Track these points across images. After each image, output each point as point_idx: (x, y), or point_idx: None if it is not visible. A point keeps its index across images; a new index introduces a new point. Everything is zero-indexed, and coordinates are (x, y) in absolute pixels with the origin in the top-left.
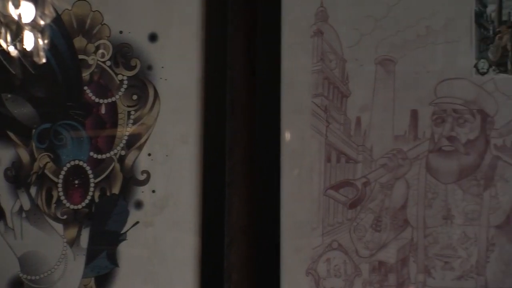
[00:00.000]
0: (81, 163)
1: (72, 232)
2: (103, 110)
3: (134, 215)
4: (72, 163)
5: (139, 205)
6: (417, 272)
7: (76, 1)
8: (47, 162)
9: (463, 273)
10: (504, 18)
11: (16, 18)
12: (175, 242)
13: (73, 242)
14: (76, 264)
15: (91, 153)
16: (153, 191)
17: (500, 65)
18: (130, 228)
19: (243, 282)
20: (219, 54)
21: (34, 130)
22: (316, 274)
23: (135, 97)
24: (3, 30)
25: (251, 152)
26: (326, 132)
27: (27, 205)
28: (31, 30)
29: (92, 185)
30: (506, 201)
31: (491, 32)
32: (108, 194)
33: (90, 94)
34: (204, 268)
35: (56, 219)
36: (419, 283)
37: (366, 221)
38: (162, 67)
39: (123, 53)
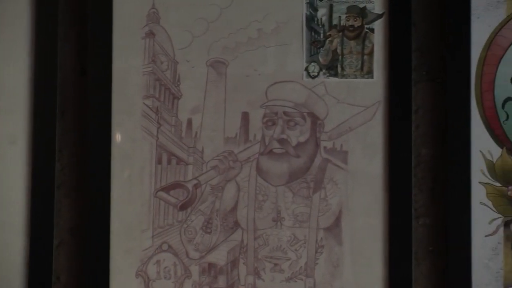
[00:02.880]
0: None
1: None
2: None
3: None
4: None
5: None
6: (246, 274)
7: None
8: None
9: (292, 275)
10: (335, 22)
11: None
12: (2, 244)
13: None
14: None
15: None
16: None
17: (330, 69)
18: None
19: (71, 284)
20: (49, 54)
21: None
22: (146, 276)
23: None
24: None
25: (82, 154)
26: (157, 134)
27: None
28: None
29: None
30: (335, 203)
31: (321, 35)
32: None
33: None
34: (32, 270)
35: None
36: (249, 284)
37: (197, 223)
38: None
39: None
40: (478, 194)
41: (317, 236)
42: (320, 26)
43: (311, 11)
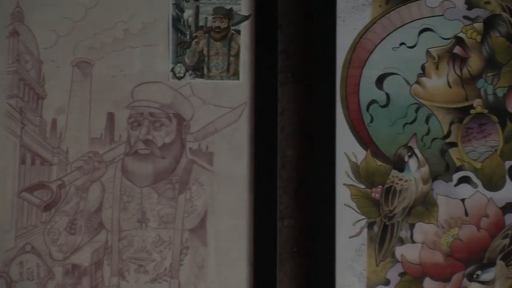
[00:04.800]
0: None
1: None
2: None
3: None
4: None
5: None
6: (111, 275)
7: None
8: None
9: (156, 276)
10: (201, 23)
11: None
12: None
13: None
14: None
15: None
16: None
17: (197, 70)
18: None
19: None
20: None
21: None
22: (8, 278)
23: None
24: None
25: None
26: (21, 134)
27: None
28: None
29: None
30: (201, 204)
31: (188, 36)
32: None
33: None
34: None
35: None
36: (113, 286)
37: (61, 223)
38: None
39: None
40: (343, 196)
41: (182, 237)
42: (187, 27)
43: (178, 12)
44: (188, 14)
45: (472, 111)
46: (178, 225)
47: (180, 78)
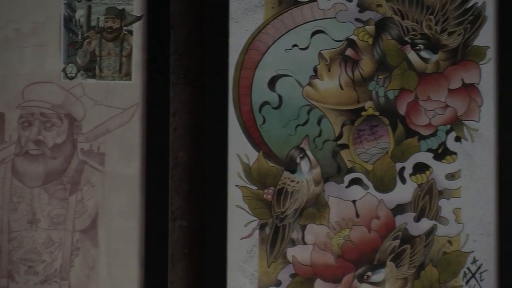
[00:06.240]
0: None
1: None
2: None
3: None
4: None
5: None
6: (0, 277)
7: None
8: None
9: (46, 278)
10: (93, 23)
11: None
12: None
13: None
14: None
15: None
16: None
17: (88, 70)
18: None
19: None
20: None
21: None
22: None
23: None
24: None
25: None
26: None
27: None
28: None
29: None
30: (92, 205)
31: (80, 37)
32: None
33: None
34: None
35: None
36: (2, 287)
37: None
38: None
39: None
40: (235, 197)
41: (72, 238)
42: (78, 27)
43: (69, 12)
44: (80, 14)
45: (363, 113)
46: (69, 226)
47: (71, 78)
